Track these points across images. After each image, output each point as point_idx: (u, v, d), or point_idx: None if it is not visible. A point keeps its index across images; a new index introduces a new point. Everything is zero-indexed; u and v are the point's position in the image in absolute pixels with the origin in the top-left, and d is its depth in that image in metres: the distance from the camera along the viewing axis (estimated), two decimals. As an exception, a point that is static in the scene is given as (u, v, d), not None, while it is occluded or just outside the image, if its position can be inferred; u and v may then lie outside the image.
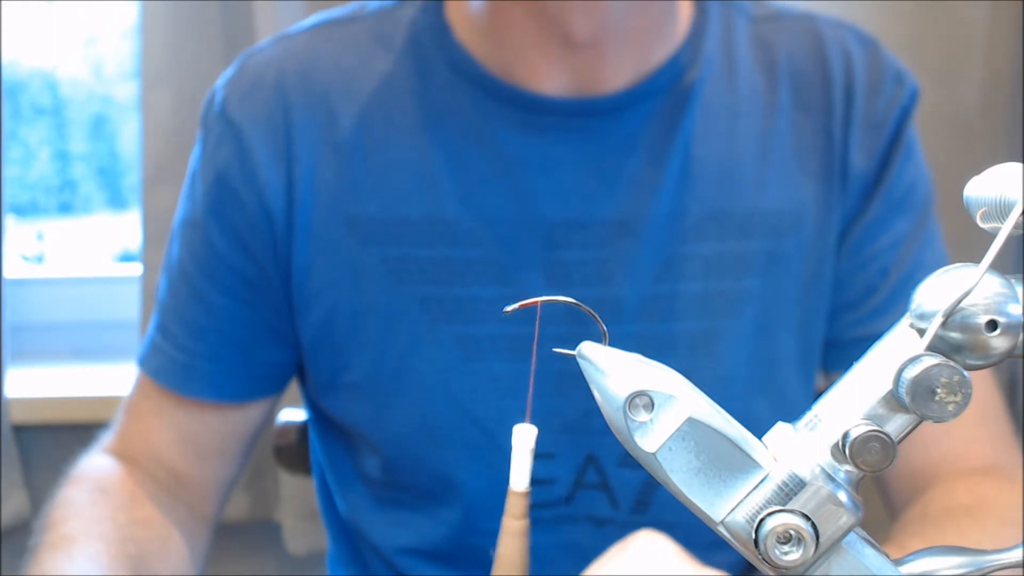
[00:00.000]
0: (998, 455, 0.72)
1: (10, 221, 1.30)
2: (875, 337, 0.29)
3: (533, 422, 0.33)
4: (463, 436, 0.69)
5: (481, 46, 0.68)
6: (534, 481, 0.27)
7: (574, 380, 0.31)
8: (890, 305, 0.72)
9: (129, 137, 1.46)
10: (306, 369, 0.74)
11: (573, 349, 0.31)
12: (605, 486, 0.70)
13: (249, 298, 0.71)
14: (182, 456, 0.73)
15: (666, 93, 0.69)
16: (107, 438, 0.75)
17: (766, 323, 0.70)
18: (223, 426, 0.74)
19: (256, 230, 0.69)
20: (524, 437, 0.29)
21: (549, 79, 0.67)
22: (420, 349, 0.68)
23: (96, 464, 0.72)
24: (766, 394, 0.71)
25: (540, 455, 0.33)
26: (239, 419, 0.74)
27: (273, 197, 0.68)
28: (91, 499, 0.68)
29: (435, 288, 0.68)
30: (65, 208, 1.50)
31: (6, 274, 1.20)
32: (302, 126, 0.69)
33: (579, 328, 0.51)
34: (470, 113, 0.68)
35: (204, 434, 0.74)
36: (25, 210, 1.48)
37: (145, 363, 0.74)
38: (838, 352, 0.74)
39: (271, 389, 0.75)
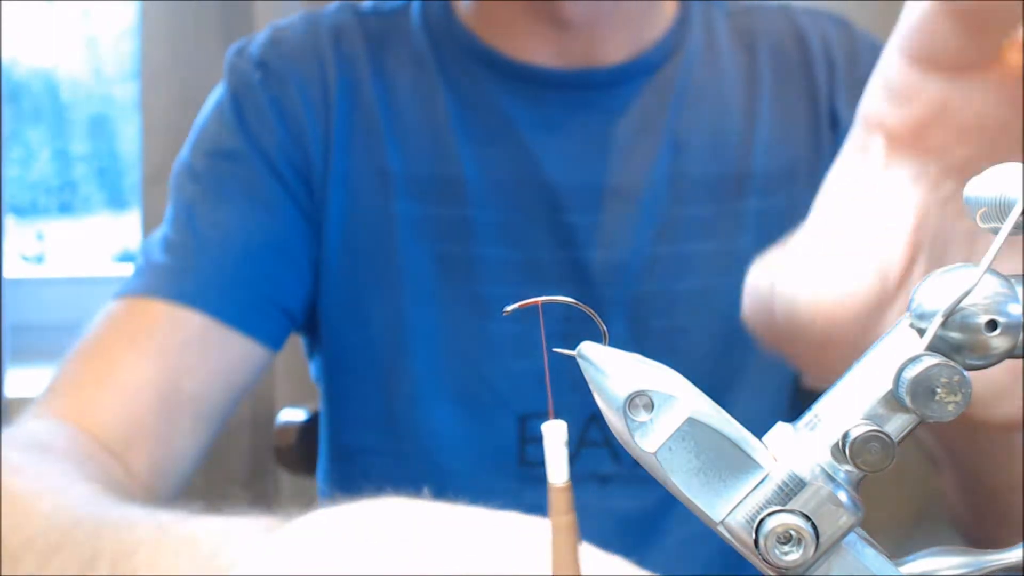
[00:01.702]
0: None
1: (10, 221, 1.30)
2: None
3: (540, 382, 0.33)
4: (471, 393, 0.71)
5: (481, 27, 0.73)
6: (541, 440, 0.27)
7: (580, 341, 0.32)
8: None
9: (129, 137, 1.46)
10: (321, 321, 0.74)
11: (588, 319, 0.31)
12: (607, 443, 0.72)
13: (280, 233, 0.71)
14: (155, 403, 0.64)
15: (656, 70, 0.74)
16: (49, 400, 0.65)
17: None
18: (220, 356, 0.67)
19: (296, 173, 0.71)
20: (555, 432, 0.29)
21: (545, 56, 0.72)
22: (434, 305, 0.71)
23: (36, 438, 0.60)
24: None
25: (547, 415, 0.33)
26: (235, 357, 0.68)
27: (313, 146, 0.71)
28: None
29: (450, 246, 0.71)
30: (65, 208, 1.50)
31: (6, 274, 1.20)
32: (336, 81, 0.72)
33: (588, 306, 0.52)
34: (476, 83, 0.73)
35: (195, 358, 0.66)
36: (25, 210, 1.48)
37: (146, 287, 0.67)
38: None
39: (274, 336, 0.71)
